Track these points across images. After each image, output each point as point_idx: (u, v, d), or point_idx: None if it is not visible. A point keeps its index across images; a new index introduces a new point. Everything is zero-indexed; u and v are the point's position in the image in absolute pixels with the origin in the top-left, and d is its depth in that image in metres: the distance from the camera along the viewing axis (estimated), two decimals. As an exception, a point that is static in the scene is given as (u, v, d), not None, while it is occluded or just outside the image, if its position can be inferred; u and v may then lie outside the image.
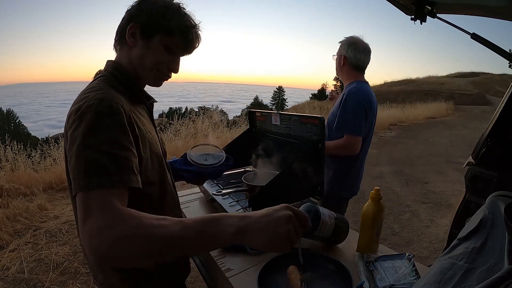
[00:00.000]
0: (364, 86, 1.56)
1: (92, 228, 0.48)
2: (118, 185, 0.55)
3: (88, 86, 0.68)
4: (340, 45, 1.65)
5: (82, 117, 0.57)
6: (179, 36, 0.73)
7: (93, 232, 0.48)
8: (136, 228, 0.49)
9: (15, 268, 2.19)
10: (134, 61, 0.73)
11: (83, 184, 0.53)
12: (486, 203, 0.62)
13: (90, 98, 0.60)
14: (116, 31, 0.75)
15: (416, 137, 7.89)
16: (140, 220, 0.50)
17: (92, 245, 0.48)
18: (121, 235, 0.48)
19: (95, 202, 0.51)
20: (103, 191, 0.53)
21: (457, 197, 1.66)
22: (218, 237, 0.52)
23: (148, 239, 0.49)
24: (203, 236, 0.51)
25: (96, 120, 0.57)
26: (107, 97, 0.61)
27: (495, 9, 1.09)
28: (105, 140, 0.56)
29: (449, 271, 0.52)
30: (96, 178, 0.53)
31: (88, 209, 0.51)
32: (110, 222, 0.49)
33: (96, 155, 0.54)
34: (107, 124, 0.58)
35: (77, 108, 0.59)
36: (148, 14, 0.70)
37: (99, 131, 0.57)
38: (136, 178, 0.59)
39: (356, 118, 1.49)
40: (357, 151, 1.51)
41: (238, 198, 1.12)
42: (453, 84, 23.56)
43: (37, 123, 53.78)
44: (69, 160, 0.59)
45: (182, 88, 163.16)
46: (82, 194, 0.52)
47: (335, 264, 0.77)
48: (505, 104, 1.30)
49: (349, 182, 1.64)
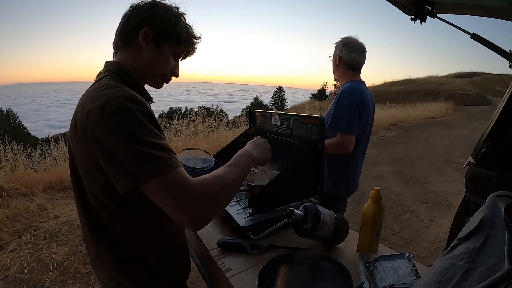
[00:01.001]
0: (358, 85, 1.57)
1: (190, 202, 0.59)
2: (177, 165, 0.61)
3: (98, 84, 0.66)
4: (336, 46, 1.66)
5: (113, 115, 0.58)
6: (186, 45, 0.79)
7: (193, 204, 0.59)
8: (213, 185, 0.64)
9: (15, 268, 2.19)
10: (143, 64, 0.75)
11: (150, 172, 0.57)
12: (486, 203, 0.62)
13: (113, 95, 0.60)
14: (123, 30, 0.74)
15: (416, 137, 7.89)
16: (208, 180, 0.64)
17: (196, 214, 0.60)
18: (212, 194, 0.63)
19: (175, 181, 0.59)
20: (174, 170, 0.59)
21: (457, 197, 1.66)
22: (249, 163, 0.81)
23: (230, 191, 0.69)
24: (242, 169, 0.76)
25: (130, 116, 0.58)
26: (129, 93, 0.62)
27: (495, 9, 1.09)
28: (146, 133, 0.59)
29: (449, 271, 0.52)
30: (160, 164, 0.58)
31: (173, 189, 0.58)
32: (199, 190, 0.60)
33: (148, 148, 0.58)
34: (141, 118, 0.60)
35: (102, 105, 0.59)
36: (162, 21, 0.73)
37: (138, 125, 0.59)
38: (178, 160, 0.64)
39: (349, 117, 1.50)
40: (350, 149, 1.52)
41: (238, 198, 1.11)
42: (453, 84, 23.56)
43: (36, 123, 53.78)
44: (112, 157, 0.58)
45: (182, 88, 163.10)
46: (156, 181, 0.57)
47: (335, 264, 0.77)
48: (505, 104, 1.30)
49: (346, 182, 1.65)
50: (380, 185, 4.12)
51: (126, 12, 0.75)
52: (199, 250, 1.01)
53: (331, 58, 1.70)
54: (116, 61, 0.76)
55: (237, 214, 1.01)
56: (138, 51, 0.74)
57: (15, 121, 34.75)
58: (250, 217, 0.98)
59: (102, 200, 0.67)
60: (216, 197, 0.64)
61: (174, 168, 0.59)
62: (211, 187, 0.63)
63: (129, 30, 0.73)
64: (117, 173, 0.58)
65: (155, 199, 0.60)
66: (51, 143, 4.57)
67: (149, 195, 0.60)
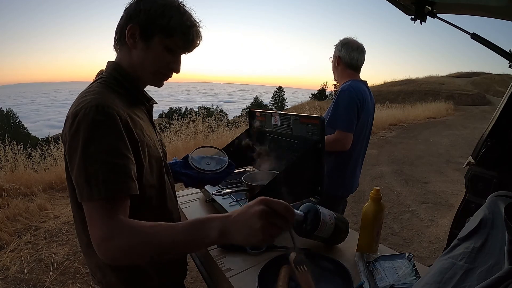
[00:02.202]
0: (358, 85, 1.58)
1: (96, 238, 0.55)
2: (118, 194, 0.58)
3: (87, 88, 0.68)
4: (335, 47, 1.67)
5: (79, 125, 0.59)
6: (180, 36, 0.71)
7: (98, 241, 0.55)
8: (132, 238, 0.55)
9: (15, 268, 2.19)
10: (134, 63, 0.72)
11: (85, 194, 0.57)
12: (486, 203, 0.62)
13: (87, 104, 0.60)
14: (115, 31, 0.73)
15: (416, 137, 7.89)
16: (135, 230, 0.56)
17: (100, 252, 0.55)
18: (119, 245, 0.55)
19: (96, 212, 0.57)
20: (104, 201, 0.57)
21: (457, 197, 1.66)
22: (204, 240, 0.55)
23: (144, 246, 0.55)
24: (191, 240, 0.55)
25: (93, 129, 0.58)
26: (103, 103, 0.61)
27: (495, 9, 1.09)
28: (104, 149, 0.58)
29: (449, 271, 0.52)
30: (97, 188, 0.56)
31: (92, 219, 0.57)
32: (109, 234, 0.55)
33: (96, 165, 0.57)
34: (104, 132, 0.59)
35: (75, 113, 0.60)
36: (147, 14, 0.67)
37: (97, 140, 0.58)
38: (135, 184, 0.62)
39: (347, 115, 1.50)
40: (347, 147, 1.52)
41: (238, 198, 1.11)
42: (453, 84, 23.57)
43: (36, 123, 53.74)
44: (70, 167, 0.61)
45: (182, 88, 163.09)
46: (86, 204, 0.58)
47: (335, 264, 0.77)
48: (505, 104, 1.30)
49: (344, 181, 1.65)
50: (380, 185, 4.12)
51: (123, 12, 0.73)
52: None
53: (331, 59, 1.71)
54: (115, 62, 0.75)
55: (237, 214, 1.01)
56: (128, 50, 0.72)
57: (15, 121, 34.76)
58: (250, 217, 0.98)
59: None
60: (133, 253, 0.56)
61: (109, 198, 0.57)
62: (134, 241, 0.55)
63: (120, 30, 0.72)
64: (75, 183, 0.60)
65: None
66: (51, 143, 4.57)
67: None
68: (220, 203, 1.09)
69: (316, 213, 0.82)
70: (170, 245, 0.55)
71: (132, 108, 0.72)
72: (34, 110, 73.35)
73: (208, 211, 1.18)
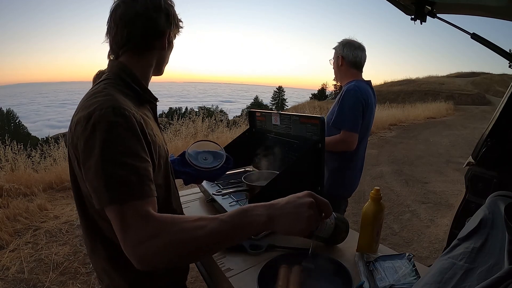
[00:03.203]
0: (363, 85, 1.58)
1: (135, 240, 0.51)
2: (144, 196, 0.55)
3: (93, 89, 0.66)
4: (335, 49, 1.68)
5: (95, 127, 0.56)
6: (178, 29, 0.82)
7: (137, 243, 0.51)
8: (179, 233, 0.52)
9: (15, 268, 2.19)
10: (159, 62, 0.79)
11: (112, 198, 0.53)
12: (486, 203, 0.62)
13: (101, 106, 0.58)
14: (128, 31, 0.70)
15: (416, 137, 7.89)
16: (180, 225, 0.53)
17: (138, 255, 0.51)
18: (166, 242, 0.51)
19: (130, 214, 0.53)
20: (136, 202, 0.54)
21: (457, 197, 1.66)
22: (251, 227, 0.56)
23: (191, 241, 0.52)
24: (238, 228, 0.55)
25: (112, 130, 0.56)
26: (118, 104, 0.60)
27: (495, 9, 1.09)
28: (125, 151, 0.56)
29: (449, 271, 0.52)
30: (125, 190, 0.54)
31: (125, 222, 0.52)
32: (152, 232, 0.51)
33: (119, 169, 0.54)
34: (123, 135, 0.57)
35: (88, 115, 0.57)
36: (167, 17, 0.74)
37: (117, 142, 0.56)
38: (154, 187, 0.60)
39: (353, 115, 1.50)
40: (353, 147, 1.52)
41: (238, 198, 1.11)
42: (453, 84, 23.57)
43: (36, 123, 53.75)
44: (85, 171, 0.57)
45: (181, 88, 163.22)
46: (114, 208, 0.53)
47: (335, 264, 0.77)
48: (505, 104, 1.30)
49: (347, 181, 1.65)
50: (380, 185, 4.12)
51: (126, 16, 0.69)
52: (199, 250, 1.01)
53: (332, 61, 1.72)
54: (120, 61, 0.73)
55: (237, 214, 1.01)
56: (157, 53, 0.77)
57: (15, 121, 34.76)
58: (250, 217, 0.98)
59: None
60: (176, 252, 0.52)
61: (138, 199, 0.54)
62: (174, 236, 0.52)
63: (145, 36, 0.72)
64: (90, 189, 0.56)
65: (113, 224, 0.54)
66: (51, 143, 4.57)
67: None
68: (220, 203, 1.09)
69: (316, 213, 0.82)
70: (217, 237, 0.54)
71: (140, 108, 0.71)
72: (34, 110, 73.35)
73: (208, 211, 1.19)
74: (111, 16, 0.72)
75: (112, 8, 0.71)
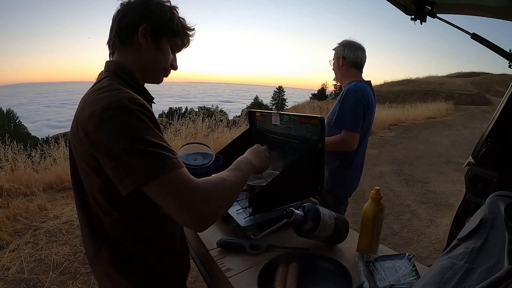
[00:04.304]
0: (363, 85, 1.58)
1: (194, 202, 0.58)
2: (181, 165, 0.61)
3: (98, 86, 0.66)
4: (335, 49, 1.69)
5: (117, 116, 0.57)
6: (182, 38, 0.79)
7: (197, 205, 0.58)
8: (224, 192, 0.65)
9: (15, 268, 2.19)
10: (144, 62, 0.75)
11: (155, 171, 0.56)
12: (486, 203, 0.62)
13: (116, 97, 0.59)
14: (119, 29, 0.73)
15: (416, 137, 7.89)
16: (223, 184, 0.65)
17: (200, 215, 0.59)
18: (219, 202, 0.63)
19: (179, 182, 0.58)
20: (179, 171, 0.59)
21: (457, 197, 1.66)
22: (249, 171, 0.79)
23: (234, 195, 0.70)
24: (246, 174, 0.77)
25: (134, 117, 0.58)
26: (132, 96, 0.61)
27: (495, 9, 1.09)
28: (150, 134, 0.59)
29: (449, 271, 0.52)
30: (166, 163, 0.57)
31: (177, 190, 0.58)
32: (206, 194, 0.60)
33: (152, 147, 0.57)
34: (145, 119, 0.59)
35: (104, 107, 0.58)
36: (158, 16, 0.72)
37: (142, 126, 0.58)
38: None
39: (354, 115, 1.51)
40: (353, 147, 1.53)
41: (238, 198, 1.11)
42: (453, 84, 23.56)
43: (35, 123, 53.73)
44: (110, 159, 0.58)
45: (181, 88, 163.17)
46: (160, 181, 0.56)
47: (335, 264, 0.77)
48: (505, 104, 1.30)
49: (347, 181, 1.65)
50: (380, 185, 4.12)
51: (119, 10, 0.73)
52: (199, 250, 1.01)
53: (332, 62, 1.72)
54: (116, 61, 0.74)
55: (237, 214, 1.01)
56: (137, 49, 0.73)
57: (15, 121, 34.76)
58: (250, 217, 0.98)
59: (102, 203, 0.67)
60: (221, 198, 0.63)
61: (178, 168, 0.59)
62: (215, 188, 0.63)
63: (126, 29, 0.72)
64: (123, 173, 0.57)
65: (159, 199, 0.58)
66: (51, 143, 4.57)
67: (152, 195, 0.58)
68: (220, 203, 1.09)
69: (316, 213, 0.82)
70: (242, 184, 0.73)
71: None
72: (34, 110, 73.31)
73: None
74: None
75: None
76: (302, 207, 0.84)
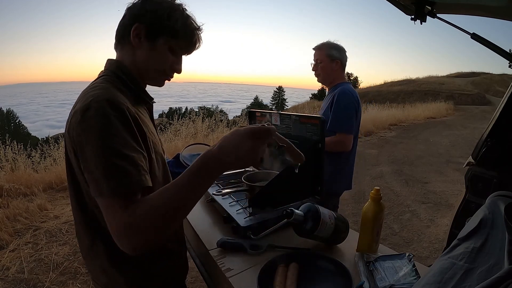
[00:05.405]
0: (352, 88, 1.67)
1: (120, 227, 0.55)
2: (137, 186, 0.58)
3: (92, 84, 0.67)
4: (322, 51, 1.69)
5: (91, 119, 0.57)
6: (184, 38, 0.74)
7: (122, 230, 0.55)
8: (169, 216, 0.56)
9: (15, 268, 2.19)
10: (138, 62, 0.73)
11: (105, 188, 0.55)
12: (486, 203, 0.62)
13: (97, 98, 0.59)
14: (118, 30, 0.74)
15: (416, 137, 7.89)
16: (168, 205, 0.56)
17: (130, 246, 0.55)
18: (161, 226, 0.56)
19: (117, 204, 0.55)
20: (124, 193, 0.56)
21: (457, 197, 1.66)
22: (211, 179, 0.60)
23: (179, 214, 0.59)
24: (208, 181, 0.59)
25: (107, 122, 0.58)
26: (113, 98, 0.61)
27: (495, 9, 1.09)
28: (120, 142, 0.58)
29: (449, 271, 0.52)
30: (117, 181, 0.55)
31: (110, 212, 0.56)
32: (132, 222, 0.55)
33: (114, 159, 0.56)
34: (118, 126, 0.59)
35: (84, 107, 0.59)
36: (153, 15, 0.70)
37: (113, 133, 0.58)
38: (149, 177, 0.62)
39: (349, 117, 1.58)
40: (349, 148, 1.60)
41: (238, 198, 1.11)
42: (453, 84, 23.54)
43: (35, 123, 53.71)
44: (82, 161, 0.59)
45: (181, 88, 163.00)
46: (105, 198, 0.56)
47: (335, 264, 0.77)
48: (505, 104, 1.30)
49: (340, 179, 1.70)
50: (380, 185, 4.12)
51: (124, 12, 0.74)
52: (199, 250, 1.01)
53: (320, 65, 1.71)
54: (117, 60, 0.75)
55: (237, 214, 1.01)
56: (132, 49, 0.73)
57: (15, 121, 34.76)
58: (250, 217, 0.98)
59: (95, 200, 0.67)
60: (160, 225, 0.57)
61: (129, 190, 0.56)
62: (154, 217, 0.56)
63: (123, 29, 0.72)
64: (88, 178, 0.58)
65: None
66: (51, 143, 4.57)
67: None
68: (220, 203, 1.09)
69: (316, 213, 0.82)
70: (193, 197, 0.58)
71: (135, 106, 0.72)
72: (34, 110, 73.32)
73: (208, 211, 1.18)
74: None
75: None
76: (302, 207, 0.84)
